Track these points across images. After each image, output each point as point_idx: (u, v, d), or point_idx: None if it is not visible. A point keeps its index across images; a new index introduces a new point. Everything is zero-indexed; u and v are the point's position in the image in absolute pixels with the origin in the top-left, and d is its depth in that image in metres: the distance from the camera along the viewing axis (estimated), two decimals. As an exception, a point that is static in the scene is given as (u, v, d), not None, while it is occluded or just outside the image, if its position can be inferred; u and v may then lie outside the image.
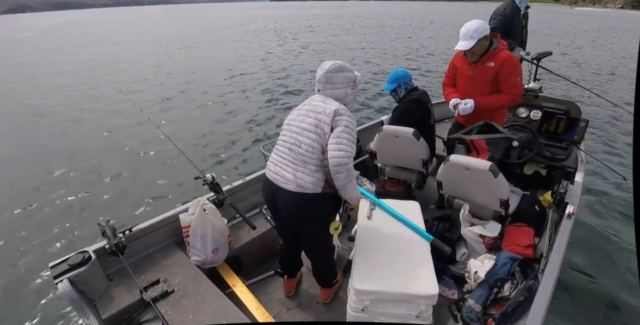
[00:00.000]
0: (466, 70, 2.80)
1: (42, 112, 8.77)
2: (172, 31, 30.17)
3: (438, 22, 35.50)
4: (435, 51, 16.53)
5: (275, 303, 2.32)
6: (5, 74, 13.66)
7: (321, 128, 1.76)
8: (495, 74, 2.65)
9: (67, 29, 38.05)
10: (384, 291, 1.67)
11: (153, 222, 2.29)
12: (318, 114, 1.79)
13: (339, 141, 1.71)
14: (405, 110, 2.96)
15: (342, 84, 1.84)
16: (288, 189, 1.78)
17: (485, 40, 2.59)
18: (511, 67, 2.63)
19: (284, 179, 1.80)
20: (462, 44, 2.57)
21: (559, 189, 2.48)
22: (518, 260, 2.07)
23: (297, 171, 1.78)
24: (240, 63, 14.56)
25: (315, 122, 1.78)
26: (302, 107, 1.91)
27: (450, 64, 3.02)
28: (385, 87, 3.01)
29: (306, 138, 1.78)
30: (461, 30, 2.56)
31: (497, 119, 2.86)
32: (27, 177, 5.46)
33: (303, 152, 1.78)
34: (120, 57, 16.79)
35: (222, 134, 7.01)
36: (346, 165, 1.70)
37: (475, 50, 2.61)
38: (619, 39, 21.83)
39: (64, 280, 1.81)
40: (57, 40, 26.18)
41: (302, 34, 25.24)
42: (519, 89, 2.71)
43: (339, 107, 1.79)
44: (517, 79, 2.67)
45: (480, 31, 2.52)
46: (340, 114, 1.76)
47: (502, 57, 2.62)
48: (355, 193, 1.85)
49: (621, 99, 8.44)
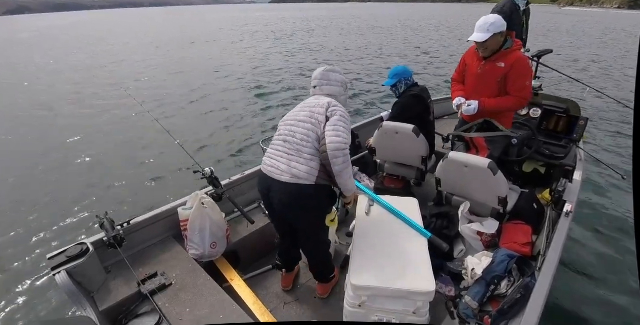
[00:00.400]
0: (475, 68, 2.70)
1: (44, 105, 8.76)
2: (173, 32, 30.10)
3: (432, 23, 35.46)
4: (431, 50, 16.59)
5: (272, 297, 2.32)
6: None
7: (315, 118, 1.82)
8: (504, 75, 2.55)
9: (64, 31, 37.58)
10: (381, 287, 1.67)
11: (151, 215, 2.28)
12: (312, 107, 1.88)
13: (336, 128, 1.75)
14: (405, 105, 2.94)
15: (337, 82, 1.99)
16: (283, 181, 1.78)
17: (501, 37, 2.49)
18: (522, 70, 2.52)
19: (279, 170, 1.81)
20: (477, 35, 2.46)
21: (558, 187, 2.48)
22: (515, 258, 2.08)
23: (292, 161, 1.79)
24: (239, 61, 14.63)
25: (309, 114, 1.85)
26: (297, 108, 1.99)
27: (461, 59, 2.92)
28: (386, 82, 2.99)
29: (301, 128, 1.83)
30: (478, 22, 2.47)
31: (503, 120, 2.76)
32: (25, 170, 5.45)
33: (297, 141, 1.81)
34: (120, 56, 16.81)
35: (222, 129, 7.01)
36: (344, 150, 1.73)
37: (488, 45, 2.50)
38: (609, 38, 22.04)
39: (62, 272, 1.81)
40: (50, 42, 25.98)
41: (300, 34, 25.56)
42: (528, 92, 2.59)
43: (332, 101, 1.89)
44: (526, 83, 2.55)
45: (498, 26, 2.43)
46: (334, 105, 1.85)
47: (513, 58, 2.51)
48: (350, 182, 1.87)
49: (617, 95, 8.44)
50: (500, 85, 2.61)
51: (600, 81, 10.41)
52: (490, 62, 2.59)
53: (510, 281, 2.01)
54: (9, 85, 11.48)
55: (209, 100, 9.11)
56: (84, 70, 13.71)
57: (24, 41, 27.17)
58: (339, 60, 14.75)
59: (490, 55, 2.58)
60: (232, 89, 10.20)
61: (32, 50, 21.12)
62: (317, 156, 1.79)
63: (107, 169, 5.40)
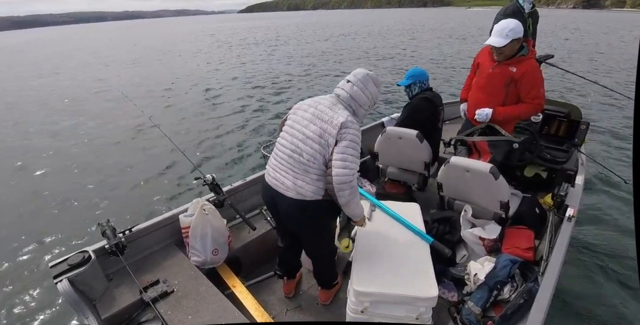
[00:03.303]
0: (487, 68, 2.70)
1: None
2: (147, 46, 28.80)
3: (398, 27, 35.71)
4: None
5: (274, 304, 2.31)
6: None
7: (325, 139, 1.67)
8: (513, 80, 2.55)
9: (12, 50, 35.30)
10: (384, 293, 1.67)
11: (153, 223, 2.29)
12: (324, 123, 1.69)
13: (344, 157, 1.64)
14: (416, 107, 2.97)
15: (370, 93, 1.79)
16: (288, 196, 1.76)
17: (517, 43, 2.50)
18: (535, 79, 2.54)
19: (284, 186, 1.77)
20: (496, 40, 2.47)
21: (560, 192, 2.48)
22: (518, 263, 2.07)
23: (298, 179, 1.74)
24: (231, 66, 14.78)
25: (319, 132, 1.68)
26: (308, 108, 1.78)
27: (473, 63, 2.95)
28: (401, 81, 3.02)
29: (309, 147, 1.70)
30: (496, 27, 2.48)
31: (506, 126, 2.75)
32: (24, 178, 5.48)
33: (304, 161, 1.71)
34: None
35: (223, 135, 7.04)
36: (350, 182, 1.65)
37: (504, 50, 2.50)
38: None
39: (64, 280, 1.81)
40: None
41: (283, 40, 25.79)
42: (542, 99, 2.61)
43: (347, 118, 1.68)
44: (540, 90, 2.58)
45: (517, 31, 2.43)
46: (347, 126, 1.67)
47: (527, 65, 2.52)
48: (358, 209, 1.82)
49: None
50: (507, 89, 2.62)
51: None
52: (504, 65, 2.60)
53: (513, 286, 2.00)
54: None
55: (211, 105, 9.18)
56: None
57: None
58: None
59: (504, 59, 2.59)
60: (234, 93, 10.29)
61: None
62: (324, 176, 1.71)
63: (107, 177, 5.41)
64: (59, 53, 27.20)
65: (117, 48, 28.48)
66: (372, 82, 1.78)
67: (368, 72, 1.79)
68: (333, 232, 2.17)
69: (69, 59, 22.04)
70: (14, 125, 8.23)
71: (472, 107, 2.85)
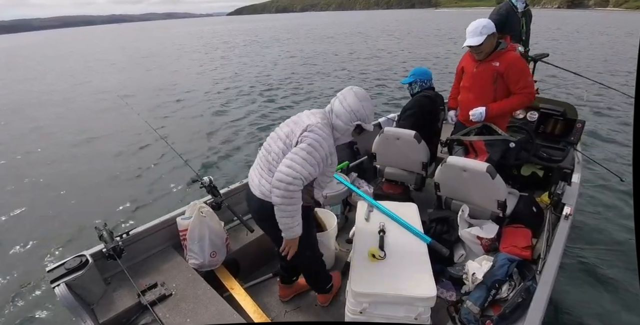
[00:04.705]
0: (471, 68, 2.76)
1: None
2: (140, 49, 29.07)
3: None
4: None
5: (273, 306, 2.31)
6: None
7: (290, 139, 1.66)
8: (499, 74, 2.59)
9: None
10: (382, 293, 1.67)
11: (150, 226, 2.28)
12: (295, 125, 1.70)
13: (292, 157, 1.57)
14: (417, 101, 3.01)
15: (348, 105, 1.69)
16: (255, 194, 1.76)
17: (494, 38, 2.55)
18: (519, 69, 2.56)
19: (253, 183, 1.80)
20: (473, 40, 2.51)
21: (556, 190, 2.49)
22: (516, 262, 2.07)
23: (262, 178, 1.74)
24: (227, 71, 14.65)
25: (288, 132, 1.69)
26: (295, 116, 1.83)
27: (456, 70, 3.00)
28: (404, 79, 3.10)
29: (276, 146, 1.70)
30: (468, 28, 2.52)
31: (499, 124, 2.78)
32: (21, 181, 5.45)
33: (270, 159, 1.72)
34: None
35: (219, 138, 7.03)
36: (288, 184, 1.52)
37: (483, 48, 2.55)
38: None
39: (61, 285, 1.81)
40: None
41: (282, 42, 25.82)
42: (532, 88, 2.64)
43: (315, 123, 1.64)
44: (528, 79, 2.61)
45: (490, 27, 2.49)
46: (311, 130, 1.62)
47: (508, 57, 2.57)
48: (289, 223, 1.63)
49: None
50: (495, 86, 2.64)
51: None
52: (486, 62, 2.65)
53: (511, 285, 2.00)
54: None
55: (207, 108, 9.17)
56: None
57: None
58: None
59: (485, 57, 2.64)
60: (231, 97, 10.28)
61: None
62: None
63: (103, 179, 5.39)
64: (57, 56, 27.19)
65: (110, 51, 28.49)
66: (354, 96, 1.70)
67: (352, 87, 1.76)
68: (313, 239, 2.01)
69: (64, 62, 22.00)
70: (13, 125, 8.21)
71: (465, 109, 2.88)
